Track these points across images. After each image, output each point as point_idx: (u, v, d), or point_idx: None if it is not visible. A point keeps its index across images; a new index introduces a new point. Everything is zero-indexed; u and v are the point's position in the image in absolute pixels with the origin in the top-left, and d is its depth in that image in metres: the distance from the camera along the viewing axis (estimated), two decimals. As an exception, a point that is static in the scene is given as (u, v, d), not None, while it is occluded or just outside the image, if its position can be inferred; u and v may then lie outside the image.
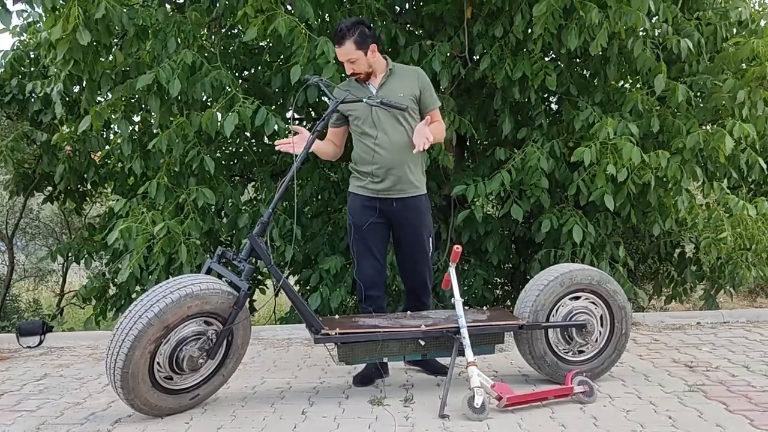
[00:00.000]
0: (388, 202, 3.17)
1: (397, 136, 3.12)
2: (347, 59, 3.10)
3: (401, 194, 3.17)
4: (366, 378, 3.22)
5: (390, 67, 3.19)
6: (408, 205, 3.19)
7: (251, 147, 5.53)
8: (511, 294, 5.85)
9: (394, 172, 3.13)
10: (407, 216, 3.20)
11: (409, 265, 3.30)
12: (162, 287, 2.68)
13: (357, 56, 3.09)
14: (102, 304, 5.19)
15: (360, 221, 3.20)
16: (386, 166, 3.12)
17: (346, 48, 3.08)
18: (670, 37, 4.39)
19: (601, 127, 4.24)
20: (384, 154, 3.11)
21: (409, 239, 3.25)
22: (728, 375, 3.18)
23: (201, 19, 4.42)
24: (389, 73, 3.18)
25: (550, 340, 3.09)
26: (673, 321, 4.62)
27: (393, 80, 3.18)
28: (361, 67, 3.12)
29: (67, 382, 3.48)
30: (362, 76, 3.15)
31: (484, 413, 2.61)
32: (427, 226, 3.27)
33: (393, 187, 3.15)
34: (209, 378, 2.88)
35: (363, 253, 3.23)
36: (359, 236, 3.22)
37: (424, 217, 3.24)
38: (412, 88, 3.16)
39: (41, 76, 4.96)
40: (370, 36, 3.11)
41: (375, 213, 3.18)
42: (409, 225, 3.22)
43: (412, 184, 3.18)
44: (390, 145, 3.10)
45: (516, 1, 4.48)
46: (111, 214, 5.10)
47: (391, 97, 3.08)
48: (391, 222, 3.22)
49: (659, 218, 4.66)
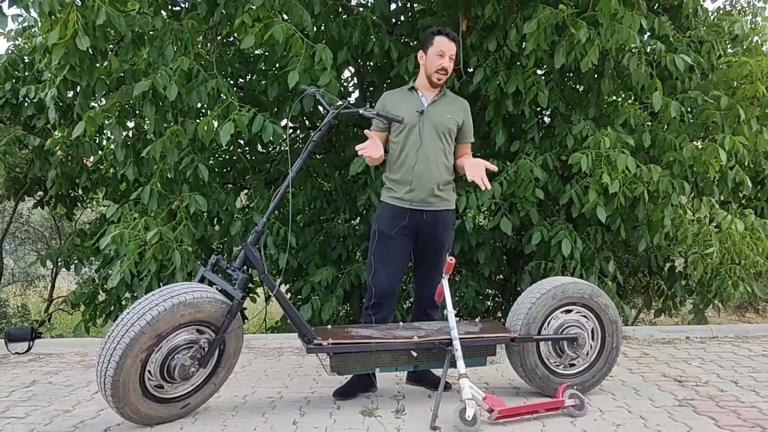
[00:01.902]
0: (419, 214, 3.21)
1: (437, 151, 3.20)
2: (451, 54, 3.21)
3: (432, 207, 3.22)
4: (347, 392, 3.20)
5: (445, 89, 3.33)
6: (437, 218, 3.24)
7: (245, 155, 5.54)
8: (502, 305, 5.87)
9: (430, 185, 3.18)
10: (435, 229, 3.25)
11: (427, 276, 3.32)
12: (155, 295, 2.67)
13: (454, 58, 3.23)
14: (91, 310, 5.16)
15: (388, 230, 3.23)
16: (424, 177, 3.18)
17: (454, 46, 3.23)
18: (665, 54, 4.45)
19: (597, 138, 4.29)
20: (424, 166, 3.17)
21: (430, 251, 3.29)
22: (717, 390, 3.20)
23: (198, 27, 4.43)
24: (443, 94, 3.30)
25: (542, 353, 3.11)
26: (663, 335, 4.65)
27: (445, 101, 3.29)
28: (451, 67, 3.24)
29: (56, 389, 3.45)
30: (443, 79, 3.25)
31: (475, 425, 2.61)
32: (449, 240, 3.33)
33: (426, 199, 3.20)
34: (200, 387, 2.86)
35: (383, 260, 3.23)
36: (383, 243, 3.23)
37: (449, 232, 3.31)
38: (459, 115, 3.28)
39: (35, 81, 4.95)
40: None
41: (403, 223, 3.21)
42: (434, 237, 3.26)
43: (444, 198, 3.25)
44: (430, 159, 3.17)
45: (510, 15, 4.53)
46: (102, 219, 5.09)
47: (440, 115, 3.21)
48: (417, 234, 3.26)
49: (647, 233, 4.70)
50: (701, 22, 5.02)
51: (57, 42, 3.79)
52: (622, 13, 4.07)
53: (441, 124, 3.20)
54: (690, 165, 4.45)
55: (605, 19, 4.11)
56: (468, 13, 4.66)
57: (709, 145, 4.39)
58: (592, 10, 4.21)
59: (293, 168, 2.98)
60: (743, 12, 5.33)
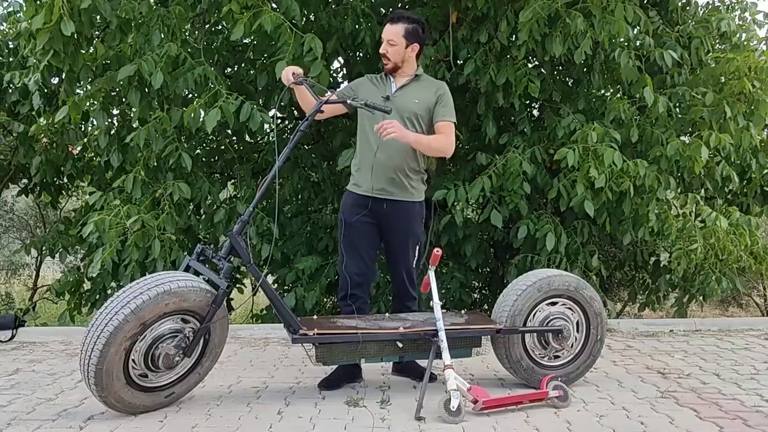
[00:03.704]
0: (380, 203, 3.17)
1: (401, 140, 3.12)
2: (389, 39, 3.13)
3: (393, 197, 3.17)
4: (332, 382, 3.19)
5: (417, 74, 3.24)
6: (398, 209, 3.19)
7: (232, 144, 5.50)
8: (488, 298, 5.89)
9: (391, 174, 3.14)
10: (396, 220, 3.20)
11: (393, 269, 3.32)
12: (139, 284, 2.66)
13: (398, 42, 3.12)
14: (76, 299, 5.12)
15: (349, 217, 3.21)
16: (384, 166, 3.13)
17: (395, 28, 3.12)
18: (654, 49, 4.46)
19: (584, 132, 4.30)
20: (384, 154, 3.12)
21: (393, 243, 3.26)
22: (699, 382, 3.23)
23: (185, 14, 4.38)
24: (414, 79, 3.22)
25: (527, 344, 3.12)
26: (647, 328, 4.68)
27: (415, 86, 3.21)
28: (395, 55, 3.15)
29: (39, 378, 3.42)
30: (389, 64, 3.17)
31: (459, 416, 2.62)
32: (414, 234, 3.26)
33: (386, 188, 3.15)
34: (185, 376, 2.85)
35: (348, 249, 3.22)
36: (347, 232, 3.22)
37: (411, 225, 3.24)
38: (429, 97, 3.18)
39: (20, 67, 4.88)
40: (420, 37, 3.18)
41: (365, 212, 3.17)
42: (396, 229, 3.22)
43: (407, 190, 3.19)
44: (392, 147, 3.10)
45: (501, 7, 4.52)
46: (87, 208, 5.04)
47: (406, 101, 3.14)
48: (381, 224, 3.22)
49: (632, 227, 4.73)
50: (690, 17, 5.04)
51: (42, 27, 3.74)
52: (613, 5, 4.08)
53: (406, 109, 3.14)
54: (676, 161, 4.48)
55: (597, 10, 4.11)
56: (458, 5, 4.65)
57: (694, 141, 4.41)
58: (584, 2, 4.21)
59: (280, 158, 2.95)
60: (731, 8, 5.35)
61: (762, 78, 4.69)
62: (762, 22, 5.28)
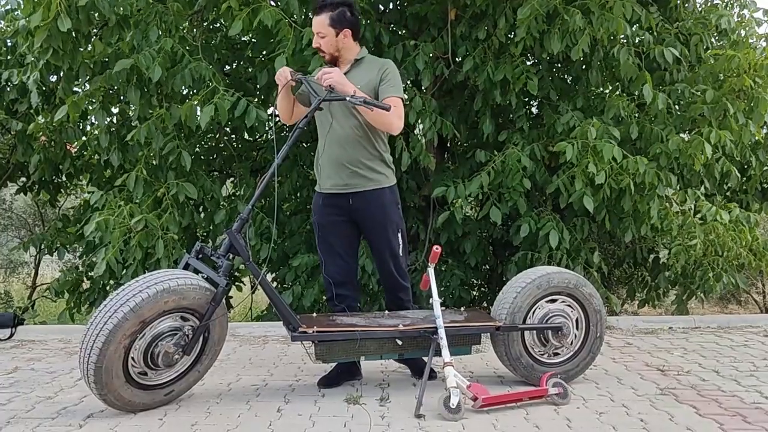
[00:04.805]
0: (345, 198, 3.08)
1: (350, 128, 3.02)
2: (317, 32, 3.03)
3: (356, 189, 3.06)
4: (331, 380, 3.16)
5: (358, 58, 3.10)
6: (366, 199, 3.07)
7: (231, 142, 5.49)
8: (488, 295, 5.89)
9: (347, 167, 3.04)
10: (367, 212, 3.08)
11: (378, 263, 3.24)
12: (139, 282, 2.65)
13: (327, 33, 3.01)
14: (75, 297, 5.12)
15: (321, 219, 3.16)
16: (338, 160, 3.05)
17: (321, 19, 3.00)
18: (653, 46, 4.46)
19: (583, 128, 4.29)
20: (335, 148, 3.05)
21: (372, 235, 3.16)
22: (699, 379, 3.23)
23: (183, 11, 4.37)
24: (355, 64, 3.09)
25: (527, 342, 3.12)
26: (646, 325, 4.68)
27: (358, 70, 3.07)
28: (327, 46, 3.04)
29: (39, 376, 3.42)
30: (326, 56, 3.08)
31: (459, 413, 2.62)
32: (392, 222, 3.11)
33: (346, 183, 3.06)
34: (184, 374, 2.85)
35: (326, 252, 3.18)
36: (321, 233, 3.17)
37: (386, 212, 3.09)
38: (373, 78, 3.03)
39: (18, 65, 4.87)
40: (349, 20, 3.02)
41: (334, 210, 3.11)
42: (370, 221, 3.10)
43: (368, 178, 3.06)
44: (342, 138, 3.03)
45: (500, 4, 4.51)
46: (86, 206, 5.03)
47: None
48: (354, 219, 3.13)
49: (633, 224, 4.72)
50: (689, 14, 5.03)
51: (39, 25, 3.73)
52: (612, 2, 4.08)
53: None
54: (676, 157, 4.47)
55: (596, 7, 4.11)
56: (457, 2, 4.64)
57: (695, 138, 4.41)
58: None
59: (279, 155, 2.93)
60: (730, 5, 5.34)
61: (762, 75, 4.69)
62: (761, 20, 5.27)
